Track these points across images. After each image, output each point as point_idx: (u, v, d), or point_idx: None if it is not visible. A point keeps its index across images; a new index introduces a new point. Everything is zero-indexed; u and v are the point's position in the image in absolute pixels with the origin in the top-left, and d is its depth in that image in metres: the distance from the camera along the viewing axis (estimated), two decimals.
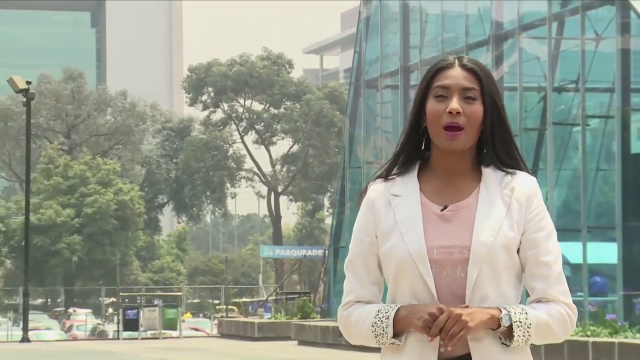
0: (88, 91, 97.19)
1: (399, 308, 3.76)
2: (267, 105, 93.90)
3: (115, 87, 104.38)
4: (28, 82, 46.68)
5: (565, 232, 30.05)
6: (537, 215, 3.84)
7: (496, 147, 3.87)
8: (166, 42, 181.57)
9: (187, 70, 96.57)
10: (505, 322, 3.71)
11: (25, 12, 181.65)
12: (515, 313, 3.72)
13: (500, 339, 3.74)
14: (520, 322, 3.72)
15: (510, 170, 3.87)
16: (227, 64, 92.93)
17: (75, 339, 50.25)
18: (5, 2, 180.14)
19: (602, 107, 31.62)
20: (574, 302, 3.85)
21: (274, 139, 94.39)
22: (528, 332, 3.73)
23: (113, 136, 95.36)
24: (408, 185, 3.87)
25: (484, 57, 34.40)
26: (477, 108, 3.80)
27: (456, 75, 3.82)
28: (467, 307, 3.69)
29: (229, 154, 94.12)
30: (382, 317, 3.77)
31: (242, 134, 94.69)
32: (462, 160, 3.85)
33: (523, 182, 3.87)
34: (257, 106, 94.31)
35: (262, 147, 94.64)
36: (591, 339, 21.86)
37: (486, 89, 3.83)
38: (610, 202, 30.32)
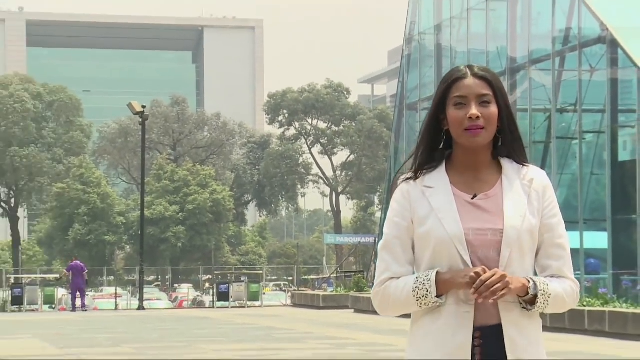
0: (190, 113, 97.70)
1: (437, 272, 3.53)
2: (330, 124, 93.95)
3: (211, 110, 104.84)
4: (143, 106, 46.98)
5: (566, 224, 29.67)
6: (551, 203, 3.65)
7: (510, 141, 3.65)
8: (251, 74, 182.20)
9: (267, 96, 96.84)
10: (532, 291, 3.51)
11: (141, 52, 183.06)
12: (539, 283, 3.53)
13: (521, 304, 3.54)
14: (544, 291, 3.53)
15: (524, 163, 3.66)
16: (298, 92, 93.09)
17: (179, 307, 50.50)
18: (126, 44, 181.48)
19: (595, 124, 31.43)
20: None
21: (335, 150, 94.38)
22: (547, 301, 3.54)
23: (209, 148, 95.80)
24: (438, 178, 3.63)
25: None
26: (493, 110, 3.57)
27: (471, 85, 3.58)
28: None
29: (299, 162, 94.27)
30: (423, 281, 3.52)
31: (310, 147, 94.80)
32: (482, 155, 3.62)
33: (538, 174, 3.66)
34: (322, 125, 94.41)
35: (326, 156, 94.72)
36: (587, 309, 21.72)
37: (498, 92, 3.60)
38: (602, 199, 30.14)
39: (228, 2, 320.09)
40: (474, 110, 3.54)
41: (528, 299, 3.54)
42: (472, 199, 3.60)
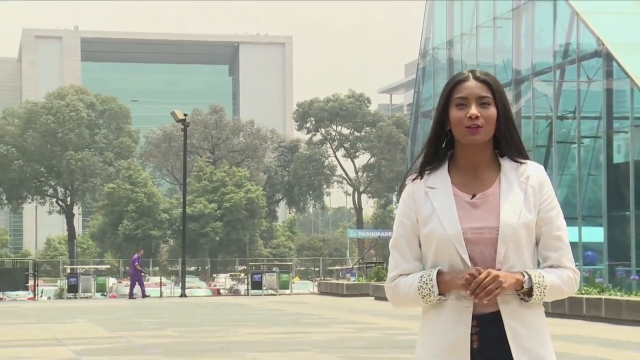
0: (226, 121, 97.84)
1: (439, 271, 3.43)
2: (352, 130, 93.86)
3: (246, 118, 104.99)
4: (185, 114, 47.10)
5: (565, 220, 29.77)
6: (549, 197, 3.50)
7: (509, 141, 3.50)
8: (281, 85, 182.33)
9: (296, 105, 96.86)
10: (527, 285, 3.37)
11: (183, 65, 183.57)
12: (534, 276, 3.39)
13: (519, 295, 3.40)
14: (539, 284, 3.39)
15: (522, 160, 3.52)
16: (324, 101, 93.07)
17: (217, 294, 50.58)
18: (169, 58, 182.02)
19: (592, 130, 31.30)
20: None
21: (357, 153, 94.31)
22: (544, 292, 3.40)
23: (244, 152, 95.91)
24: (440, 179, 3.51)
25: (507, 95, 34.23)
26: (492, 111, 3.45)
27: (472, 87, 3.47)
28: (499, 270, 3.38)
29: (325, 165, 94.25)
30: (426, 280, 3.43)
31: (335, 150, 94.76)
32: (482, 154, 3.49)
33: (535, 170, 3.52)
34: (345, 131, 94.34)
35: (349, 159, 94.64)
36: (585, 296, 21.64)
37: (497, 95, 3.49)
38: (598, 198, 30.01)
39: (261, 20, 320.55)
40: (474, 110, 3.43)
41: (525, 292, 3.40)
42: (471, 199, 3.47)
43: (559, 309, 21.24)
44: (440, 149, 3.54)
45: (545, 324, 3.50)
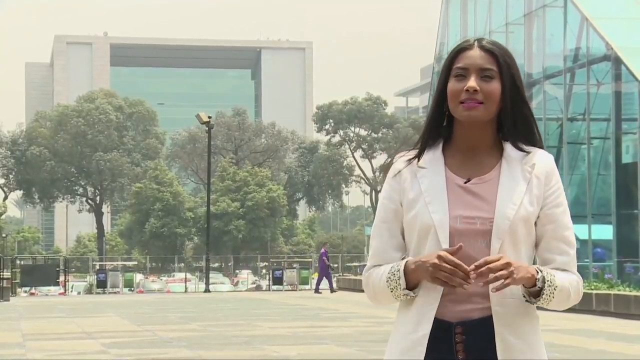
0: (249, 123, 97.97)
1: (407, 261, 2.84)
2: (370, 131, 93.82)
3: (267, 120, 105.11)
4: (209, 117, 47.16)
5: (576, 218, 29.75)
6: (556, 191, 2.88)
7: (516, 124, 2.90)
8: (301, 89, 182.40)
9: (315, 107, 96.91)
10: (539, 283, 2.77)
11: (207, 70, 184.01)
12: (547, 274, 2.79)
13: (525, 297, 2.81)
14: (551, 282, 2.78)
15: (527, 149, 2.90)
16: (343, 103, 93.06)
17: (240, 290, 50.64)
18: (194, 63, 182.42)
19: (601, 131, 31.19)
20: (583, 267, 3.55)
21: (374, 154, 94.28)
22: (553, 293, 2.79)
23: (266, 153, 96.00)
24: (433, 158, 2.94)
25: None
26: (495, 86, 2.84)
27: (474, 56, 2.86)
28: (502, 257, 2.75)
29: (343, 165, 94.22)
30: (394, 271, 2.84)
31: (353, 151, 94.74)
32: (482, 135, 2.89)
33: (542, 159, 2.89)
34: (363, 132, 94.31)
35: (366, 160, 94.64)
36: (594, 292, 21.55)
37: (504, 68, 2.86)
38: (607, 197, 29.91)
39: (282, 26, 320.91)
40: (472, 83, 2.84)
41: (534, 292, 2.81)
42: (465, 183, 2.88)
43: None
44: (441, 126, 2.99)
45: (540, 335, 2.90)
